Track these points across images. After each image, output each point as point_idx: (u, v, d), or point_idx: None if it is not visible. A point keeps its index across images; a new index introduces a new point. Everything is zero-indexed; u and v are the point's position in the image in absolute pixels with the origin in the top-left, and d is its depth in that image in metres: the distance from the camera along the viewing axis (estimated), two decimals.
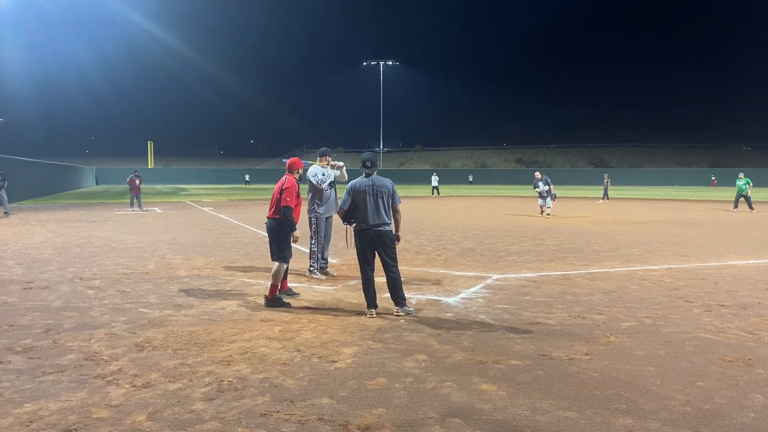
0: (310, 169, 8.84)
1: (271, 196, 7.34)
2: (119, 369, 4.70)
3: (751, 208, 23.81)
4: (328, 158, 8.97)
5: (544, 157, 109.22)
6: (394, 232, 6.55)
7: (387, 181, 6.56)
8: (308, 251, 9.14)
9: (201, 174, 77.98)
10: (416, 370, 4.68)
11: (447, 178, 67.58)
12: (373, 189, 6.45)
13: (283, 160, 8.00)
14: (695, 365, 4.84)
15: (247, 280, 8.68)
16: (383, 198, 6.44)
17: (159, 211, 23.98)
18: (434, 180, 42.86)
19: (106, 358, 4.99)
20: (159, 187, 58.74)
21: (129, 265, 9.98)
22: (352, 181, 6.64)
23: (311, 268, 8.86)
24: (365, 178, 6.55)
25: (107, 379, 4.47)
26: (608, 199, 32.88)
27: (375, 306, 6.48)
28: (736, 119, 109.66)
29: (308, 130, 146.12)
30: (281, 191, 7.10)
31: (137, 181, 23.95)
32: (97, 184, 66.65)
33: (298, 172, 7.38)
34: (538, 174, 21.40)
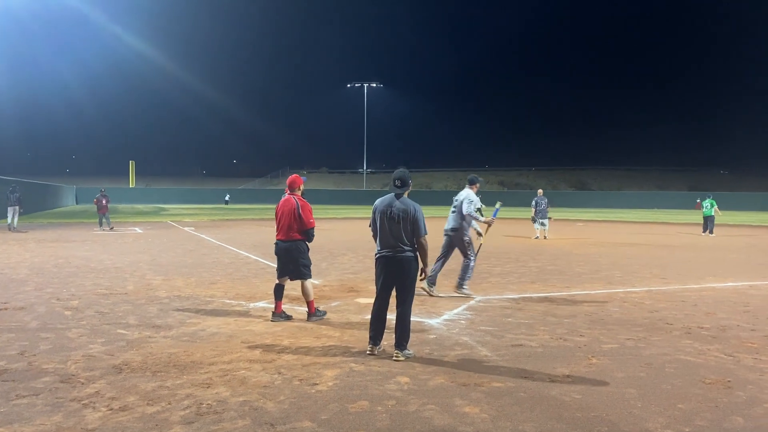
0: (472, 195, 9.20)
1: (276, 219, 7.38)
2: (96, 392, 4.61)
3: (705, 230, 23.67)
4: (477, 185, 9.44)
5: (526, 180, 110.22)
6: (418, 265, 5.80)
7: (411, 205, 5.71)
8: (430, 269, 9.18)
9: (183, 193, 77.40)
10: (398, 393, 4.65)
11: (430, 200, 67.82)
12: (390, 212, 5.70)
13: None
14: (676, 387, 4.86)
15: (228, 301, 8.60)
16: (401, 224, 5.65)
17: (139, 231, 23.74)
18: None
19: (82, 380, 4.89)
20: (140, 206, 58.20)
21: (108, 285, 9.84)
22: (377, 200, 6.00)
23: (462, 283, 9.11)
24: (389, 198, 5.83)
25: (83, 402, 4.38)
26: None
27: (377, 343, 5.77)
28: (713, 144, 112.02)
29: (292, 151, 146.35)
30: (298, 214, 7.11)
31: (104, 201, 23.83)
32: (77, 203, 65.89)
33: (300, 189, 7.39)
34: (540, 191, 21.60)
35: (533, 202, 20.98)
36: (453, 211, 9.36)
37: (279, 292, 7.36)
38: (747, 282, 10.86)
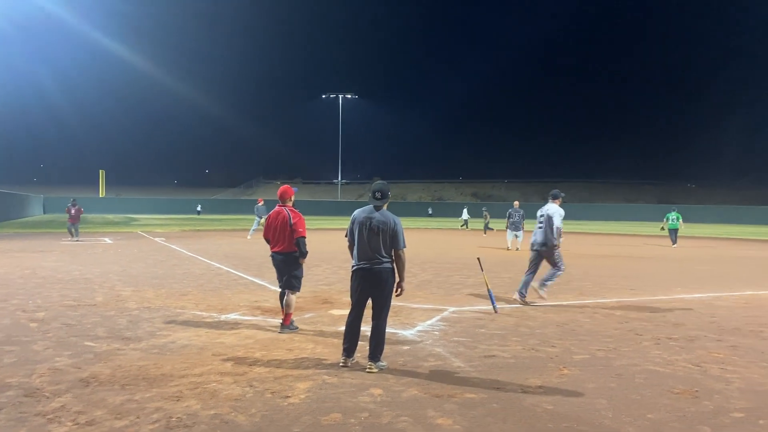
0: (559, 208, 9.47)
1: (269, 231, 7.38)
2: (62, 406, 4.50)
3: (673, 243, 24.24)
4: (560, 200, 9.77)
5: (499, 192, 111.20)
6: (395, 278, 5.76)
7: (390, 218, 5.69)
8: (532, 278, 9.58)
9: (154, 204, 76.31)
10: (371, 405, 4.64)
11: (405, 212, 67.94)
12: (370, 223, 5.65)
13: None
14: (645, 398, 4.93)
15: (199, 312, 8.50)
16: (380, 236, 5.61)
17: (109, 241, 23.35)
18: (465, 213, 43.11)
19: (47, 394, 4.78)
20: (110, 216, 57.25)
21: (76, 296, 9.65)
22: (355, 211, 5.97)
23: (544, 285, 9.41)
24: (368, 209, 5.80)
25: (48, 416, 4.28)
26: (490, 230, 32.75)
27: (351, 356, 5.75)
28: (680, 158, 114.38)
29: (265, 161, 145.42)
30: (290, 225, 7.15)
31: (72, 210, 23.42)
32: (44, 212, 64.59)
33: (291, 200, 7.44)
34: (516, 203, 21.74)
35: (507, 213, 21.23)
36: (540, 227, 9.62)
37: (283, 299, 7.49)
38: (714, 293, 11.08)
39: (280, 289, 7.48)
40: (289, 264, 7.28)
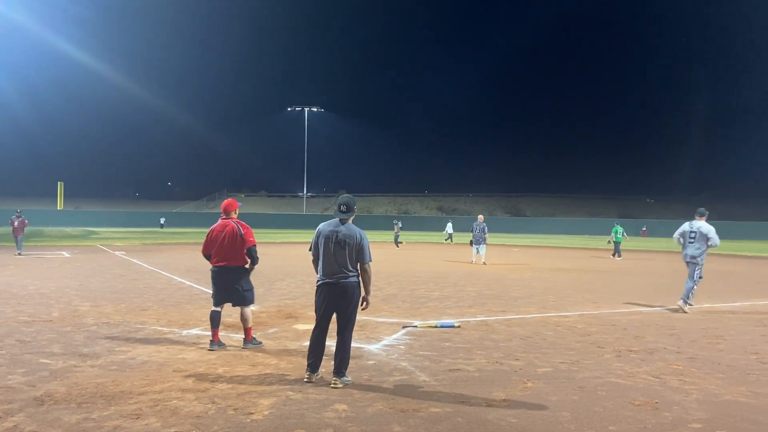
0: (710, 225, 10.86)
1: (212, 244, 7.12)
2: (14, 426, 4.35)
3: (617, 255, 26.09)
4: (705, 216, 11.11)
5: (464, 205, 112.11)
6: (361, 291, 5.77)
7: (356, 232, 5.68)
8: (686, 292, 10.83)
9: (114, 217, 74.75)
10: (336, 421, 4.59)
11: (371, 225, 67.96)
12: (336, 236, 5.63)
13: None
14: (607, 409, 5.00)
15: (160, 328, 8.32)
16: (346, 249, 5.60)
17: (67, 255, 22.76)
18: (449, 227, 43.35)
19: None
20: (68, 230, 55.79)
21: (31, 312, 9.35)
22: (320, 224, 5.93)
23: (688, 301, 10.78)
24: (333, 223, 5.77)
25: None
26: (401, 243, 33.59)
27: (315, 371, 5.70)
28: (640, 174, 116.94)
29: (229, 173, 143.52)
30: (240, 235, 6.99)
31: (16, 223, 22.72)
32: None
33: (235, 213, 7.30)
34: (481, 217, 21.86)
35: (471, 227, 21.44)
36: (691, 241, 11.09)
37: (217, 319, 7.07)
38: (673, 306, 11.33)
39: (215, 307, 7.08)
40: (234, 278, 7.01)
